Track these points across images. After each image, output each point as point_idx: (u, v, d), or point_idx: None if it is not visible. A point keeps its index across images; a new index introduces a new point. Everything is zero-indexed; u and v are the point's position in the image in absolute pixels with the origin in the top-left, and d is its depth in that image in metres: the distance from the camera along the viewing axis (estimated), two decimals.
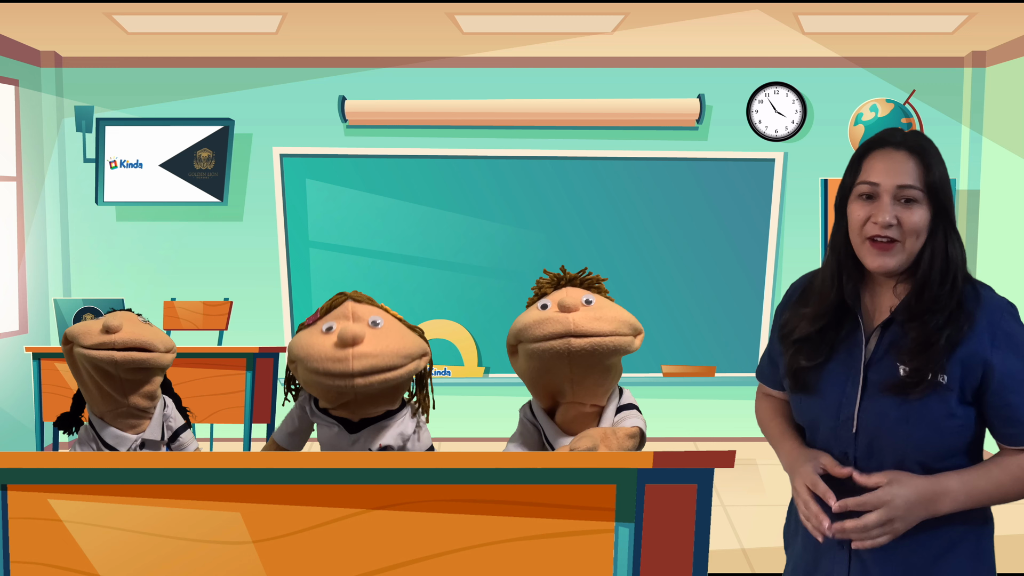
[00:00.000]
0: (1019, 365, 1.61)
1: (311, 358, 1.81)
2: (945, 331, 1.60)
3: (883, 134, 1.70)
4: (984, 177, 5.77)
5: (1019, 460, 1.63)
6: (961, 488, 1.60)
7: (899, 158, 1.64)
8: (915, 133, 1.69)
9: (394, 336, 1.87)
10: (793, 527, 1.87)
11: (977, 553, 1.69)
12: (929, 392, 1.60)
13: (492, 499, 1.36)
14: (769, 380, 1.94)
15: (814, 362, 1.72)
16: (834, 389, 1.71)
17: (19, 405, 5.45)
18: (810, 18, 4.92)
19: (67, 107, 5.91)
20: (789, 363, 1.77)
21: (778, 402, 1.93)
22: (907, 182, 1.62)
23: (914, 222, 1.62)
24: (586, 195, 5.89)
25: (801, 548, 1.81)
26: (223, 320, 5.62)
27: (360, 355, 1.78)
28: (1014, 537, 3.97)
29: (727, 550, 4.01)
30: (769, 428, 1.90)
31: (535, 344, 1.84)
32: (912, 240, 1.63)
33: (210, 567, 1.38)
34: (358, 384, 1.79)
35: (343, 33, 5.26)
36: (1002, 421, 1.63)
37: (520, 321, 1.91)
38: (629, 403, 1.97)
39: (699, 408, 6.02)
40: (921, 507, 1.58)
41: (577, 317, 1.81)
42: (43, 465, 1.37)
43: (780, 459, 1.82)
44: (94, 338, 2.15)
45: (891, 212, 1.62)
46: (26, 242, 5.78)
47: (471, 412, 5.77)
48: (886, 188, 1.63)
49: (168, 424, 2.34)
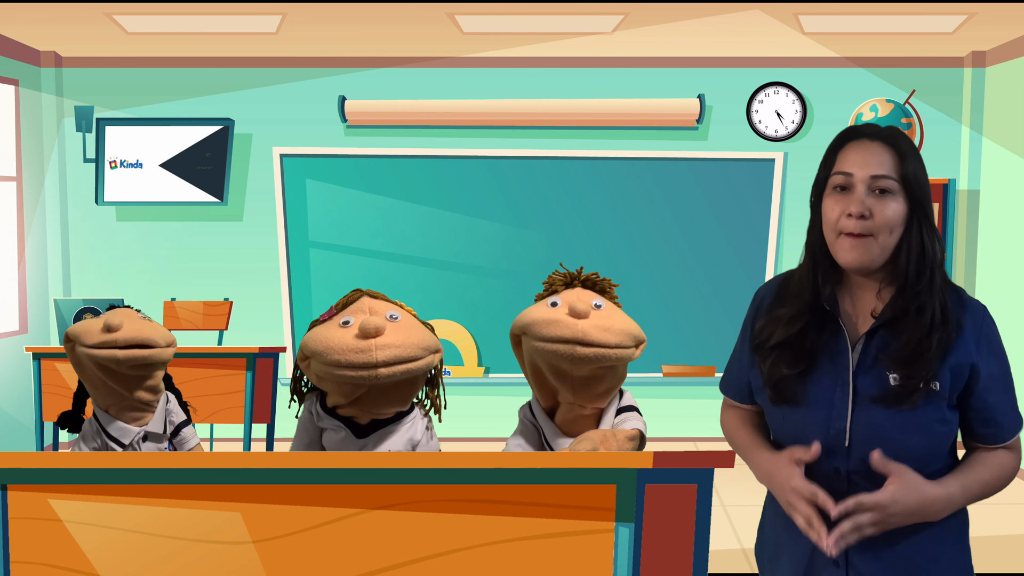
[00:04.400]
0: (999, 368, 1.63)
1: (332, 350, 1.81)
2: (935, 336, 1.58)
3: (856, 127, 1.66)
4: (984, 177, 5.77)
5: (996, 458, 1.66)
6: (961, 494, 1.61)
7: (873, 148, 1.60)
8: (890, 127, 1.66)
9: (413, 329, 1.90)
10: (772, 546, 1.79)
11: (961, 547, 1.70)
12: (923, 400, 1.58)
13: (492, 499, 1.36)
14: (735, 393, 1.86)
15: (796, 369, 1.65)
16: (821, 401, 1.64)
17: (19, 405, 5.45)
18: (810, 18, 4.92)
19: (67, 107, 5.91)
20: (769, 372, 1.69)
21: (744, 412, 1.85)
22: (881, 172, 1.58)
23: (888, 215, 1.57)
24: (586, 195, 5.89)
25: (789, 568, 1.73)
26: (223, 320, 5.62)
27: (383, 345, 1.80)
28: (997, 538, 4.00)
29: (727, 550, 4.01)
30: (736, 438, 1.82)
31: (541, 343, 1.84)
32: (885, 235, 1.58)
33: (210, 567, 1.38)
34: (381, 374, 1.80)
35: (343, 33, 5.26)
36: (981, 422, 1.64)
37: (529, 315, 1.90)
38: (629, 405, 1.97)
39: (699, 408, 6.01)
40: (919, 515, 1.57)
41: (586, 325, 1.81)
42: (43, 465, 1.37)
43: (753, 470, 1.75)
44: (96, 337, 2.18)
45: (865, 203, 1.57)
46: (26, 242, 5.78)
47: (471, 412, 5.77)
48: (860, 178, 1.59)
49: (170, 419, 2.37)
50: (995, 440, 1.66)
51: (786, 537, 1.72)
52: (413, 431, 1.99)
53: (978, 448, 1.68)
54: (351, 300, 1.95)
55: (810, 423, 1.65)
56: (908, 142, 1.64)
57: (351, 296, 1.97)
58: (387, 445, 1.94)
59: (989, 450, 1.67)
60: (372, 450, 1.95)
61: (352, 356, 1.79)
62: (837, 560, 1.65)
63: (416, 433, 1.99)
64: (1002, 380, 1.64)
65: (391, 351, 1.80)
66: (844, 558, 1.64)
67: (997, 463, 1.66)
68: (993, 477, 1.65)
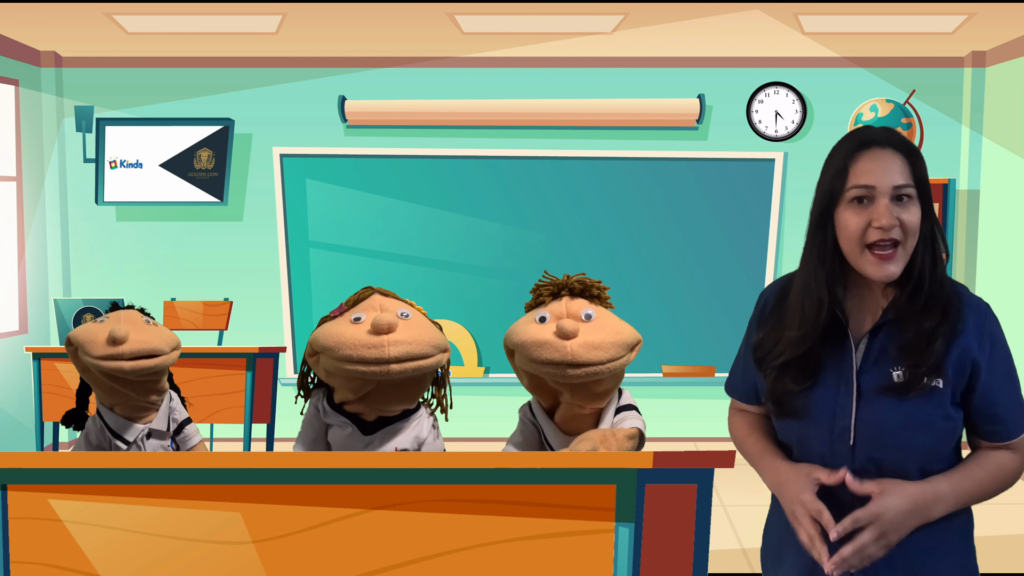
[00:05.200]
0: (1002, 364, 1.63)
1: (343, 346, 1.83)
2: (941, 328, 1.59)
3: (860, 134, 1.63)
4: (984, 177, 5.77)
5: (997, 458, 1.65)
6: (951, 491, 1.60)
7: (888, 157, 1.59)
8: (887, 128, 1.65)
9: (423, 326, 1.91)
10: (776, 548, 1.80)
11: (965, 548, 1.70)
12: (925, 394, 1.58)
13: (492, 499, 1.36)
14: (742, 395, 1.85)
15: (802, 386, 1.64)
16: (826, 403, 1.64)
17: (19, 405, 5.45)
18: (810, 18, 4.92)
19: (67, 107, 5.91)
20: (772, 387, 1.68)
21: (754, 417, 1.84)
22: (902, 181, 1.57)
23: (913, 222, 1.57)
24: (586, 195, 5.89)
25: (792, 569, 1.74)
26: (223, 320, 5.62)
27: (395, 342, 1.82)
28: (1001, 538, 4.00)
29: (727, 550, 4.01)
30: (746, 446, 1.81)
31: (532, 363, 1.83)
32: (912, 240, 1.58)
33: (210, 567, 1.38)
34: (393, 370, 1.82)
35: (343, 33, 5.26)
36: (985, 419, 1.64)
37: (518, 334, 1.87)
38: (628, 404, 1.96)
39: (699, 408, 6.01)
40: (914, 516, 1.57)
41: (575, 346, 1.77)
42: (43, 465, 1.37)
43: (763, 478, 1.74)
44: (101, 349, 2.16)
45: (892, 213, 1.56)
46: (26, 242, 5.78)
47: (471, 412, 5.74)
48: (883, 190, 1.57)
49: (173, 416, 2.38)
50: (1000, 437, 1.65)
51: (790, 538, 1.71)
52: (419, 429, 1.99)
53: (982, 447, 1.68)
54: (362, 297, 1.97)
55: (814, 426, 1.65)
56: (912, 143, 1.64)
57: (362, 293, 1.98)
58: (394, 443, 1.95)
59: (992, 449, 1.66)
60: (378, 447, 1.96)
61: (365, 352, 1.80)
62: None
63: (423, 431, 2.00)
64: (1006, 376, 1.63)
65: (403, 347, 1.82)
66: None
67: (995, 463, 1.65)
68: (990, 476, 1.64)
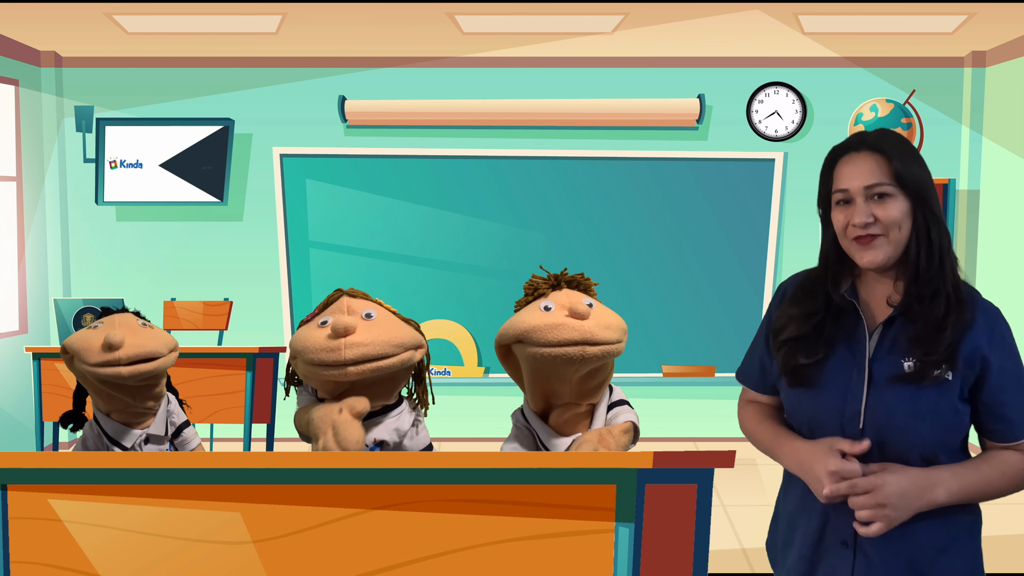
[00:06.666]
0: (1012, 365, 1.68)
1: (307, 350, 1.87)
2: (950, 318, 1.65)
3: (845, 141, 1.77)
4: (984, 177, 5.77)
5: (1004, 456, 1.69)
6: (953, 479, 1.64)
7: (862, 159, 1.71)
8: (877, 132, 1.75)
9: (386, 327, 1.93)
10: (783, 539, 1.84)
11: (972, 547, 1.73)
12: (936, 384, 1.63)
13: (492, 499, 1.36)
14: (756, 383, 1.91)
15: (813, 359, 1.72)
16: (837, 384, 1.70)
17: (19, 405, 5.46)
18: (810, 18, 4.92)
19: (67, 107, 5.91)
20: (784, 361, 1.76)
21: (764, 407, 1.90)
22: (873, 181, 1.68)
23: (891, 215, 1.67)
24: (586, 195, 5.89)
25: (797, 557, 1.78)
26: (223, 320, 5.62)
27: (352, 344, 1.85)
28: (1008, 537, 4.00)
29: (727, 550, 4.01)
30: (759, 433, 1.86)
31: (546, 348, 1.82)
32: (895, 232, 1.67)
33: (210, 567, 1.38)
34: (351, 372, 1.85)
35: (343, 33, 5.26)
36: (993, 418, 1.69)
37: (525, 322, 1.86)
38: (620, 399, 1.98)
39: (699, 408, 6.02)
40: (915, 496, 1.61)
41: (591, 325, 1.82)
42: (43, 465, 1.37)
43: (783, 462, 1.78)
44: (97, 356, 2.12)
45: (866, 212, 1.68)
46: (26, 242, 5.78)
47: (471, 412, 5.77)
48: (856, 191, 1.69)
49: (171, 420, 2.36)
50: (1007, 437, 1.69)
51: (799, 520, 1.77)
52: (400, 422, 2.02)
53: (989, 446, 1.72)
54: (331, 300, 2.01)
55: (825, 405, 1.71)
56: (896, 141, 1.71)
57: (332, 296, 2.02)
58: (373, 433, 1.97)
59: (998, 449, 1.70)
60: None
61: (323, 355, 1.85)
62: (846, 541, 1.70)
63: (403, 424, 2.03)
64: (1015, 377, 1.68)
65: (359, 350, 1.84)
66: (853, 540, 1.69)
67: (1003, 460, 1.69)
68: (996, 472, 1.67)
